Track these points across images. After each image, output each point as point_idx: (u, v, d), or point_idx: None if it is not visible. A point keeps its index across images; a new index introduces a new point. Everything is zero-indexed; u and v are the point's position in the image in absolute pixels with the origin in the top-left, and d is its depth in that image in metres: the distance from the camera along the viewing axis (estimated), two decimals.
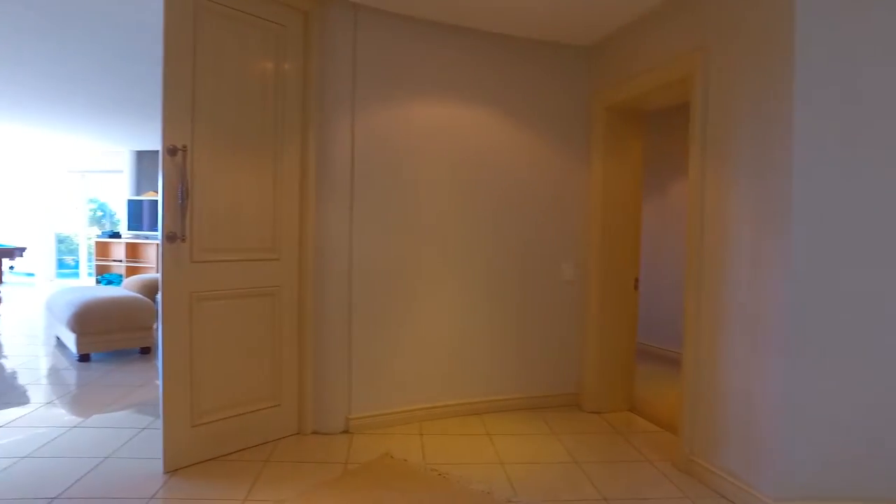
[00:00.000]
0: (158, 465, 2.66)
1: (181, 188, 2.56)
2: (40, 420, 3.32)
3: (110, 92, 5.81)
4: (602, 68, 3.65)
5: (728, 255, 2.57)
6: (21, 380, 4.23)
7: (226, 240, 2.81)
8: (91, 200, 11.03)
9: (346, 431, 3.25)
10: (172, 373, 2.63)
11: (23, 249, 6.40)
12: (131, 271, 9.12)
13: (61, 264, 10.91)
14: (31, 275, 10.46)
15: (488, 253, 3.64)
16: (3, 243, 7.18)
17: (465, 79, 3.52)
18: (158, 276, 2.53)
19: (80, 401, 3.76)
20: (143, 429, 3.20)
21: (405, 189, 3.39)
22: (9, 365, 4.70)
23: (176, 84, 2.57)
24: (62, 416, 3.42)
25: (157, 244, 2.61)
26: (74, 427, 3.22)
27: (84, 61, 4.76)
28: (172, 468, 2.65)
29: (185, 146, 2.58)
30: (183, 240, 2.58)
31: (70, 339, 4.68)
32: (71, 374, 4.37)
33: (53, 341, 5.44)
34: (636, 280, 3.73)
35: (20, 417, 3.36)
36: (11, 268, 6.20)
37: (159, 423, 2.65)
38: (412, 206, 3.41)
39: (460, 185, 3.54)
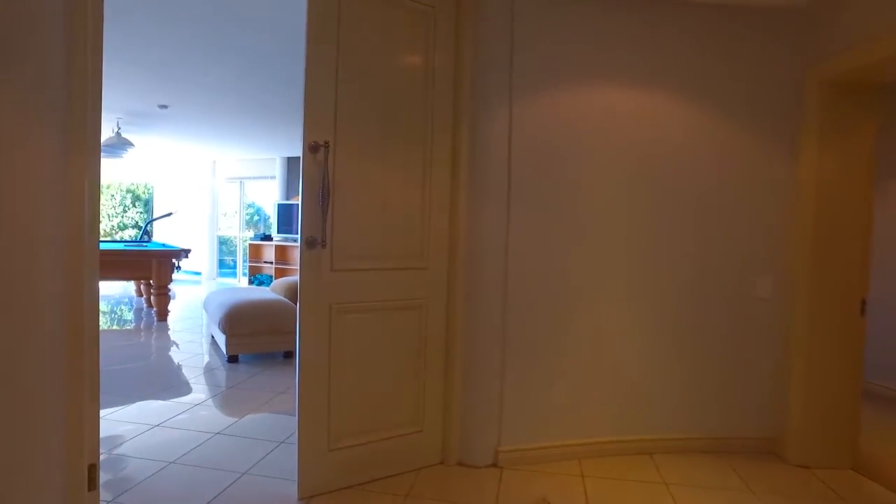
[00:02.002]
0: (293, 487, 2.44)
1: (322, 188, 2.32)
2: (190, 421, 3.33)
3: (263, 100, 6.01)
4: (822, 33, 2.89)
5: None
6: (182, 376, 4.40)
7: (369, 246, 2.53)
8: (249, 205, 11.84)
9: (494, 465, 2.84)
10: (309, 392, 2.40)
11: (188, 251, 6.85)
12: (280, 273, 9.55)
13: (222, 264, 11.82)
14: (198, 273, 11.43)
15: (663, 264, 3.04)
16: (172, 245, 7.80)
17: (640, 59, 2.96)
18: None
19: (227, 403, 3.77)
20: (282, 442, 3.05)
21: (570, 190, 2.91)
22: (175, 359, 4.99)
23: (319, 76, 2.34)
24: (209, 418, 3.41)
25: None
26: (218, 433, 3.16)
27: (239, 72, 4.89)
28: (307, 495, 2.42)
29: (326, 142, 2.33)
30: (323, 245, 2.33)
31: (221, 340, 4.80)
32: (221, 375, 4.45)
33: (209, 339, 5.69)
34: (863, 302, 2.92)
35: (175, 416, 3.41)
36: (178, 268, 6.66)
37: (297, 437, 2.43)
38: (578, 211, 2.93)
39: (634, 184, 2.99)
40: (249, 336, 4.69)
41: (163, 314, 6.51)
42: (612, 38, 2.93)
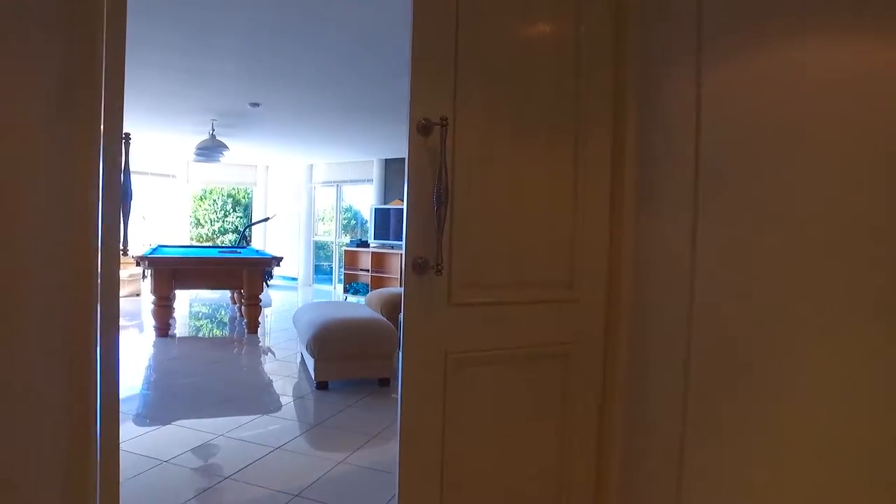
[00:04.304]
0: None
1: (437, 188, 1.58)
2: (266, 474, 2.76)
3: (358, 97, 5.49)
4: None
5: None
6: (264, 404, 3.90)
7: (499, 270, 1.77)
8: (346, 209, 11.55)
9: None
10: (414, 477, 1.67)
11: (280, 259, 6.48)
12: (376, 282, 9.06)
13: (318, 269, 11.59)
14: (293, 279, 11.28)
15: None
16: (264, 252, 7.52)
17: None
18: (401, 290, 1.57)
19: (313, 448, 3.19)
20: None
21: (790, 192, 1.98)
22: (261, 381, 4.58)
23: (430, 31, 1.62)
24: (289, 470, 2.82)
25: (401, 255, 1.71)
26: (298, 496, 2.53)
27: (332, 64, 4.36)
28: None
29: (444, 118, 1.59)
30: (438, 271, 1.59)
31: (310, 363, 4.26)
32: (309, 405, 3.90)
33: (299, 357, 5.20)
34: None
35: (248, 465, 2.85)
36: (271, 276, 6.31)
37: None
38: (800, 221, 2.00)
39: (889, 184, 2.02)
40: (340, 360, 4.10)
41: (253, 326, 6.14)
42: None
